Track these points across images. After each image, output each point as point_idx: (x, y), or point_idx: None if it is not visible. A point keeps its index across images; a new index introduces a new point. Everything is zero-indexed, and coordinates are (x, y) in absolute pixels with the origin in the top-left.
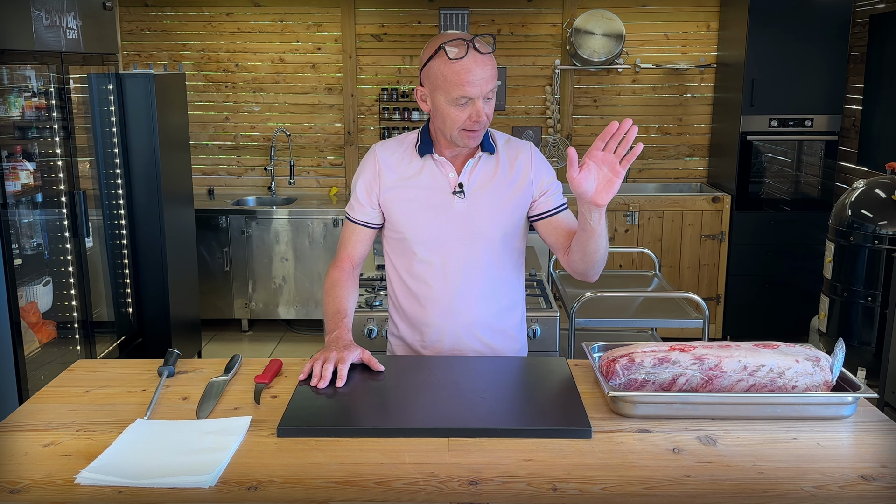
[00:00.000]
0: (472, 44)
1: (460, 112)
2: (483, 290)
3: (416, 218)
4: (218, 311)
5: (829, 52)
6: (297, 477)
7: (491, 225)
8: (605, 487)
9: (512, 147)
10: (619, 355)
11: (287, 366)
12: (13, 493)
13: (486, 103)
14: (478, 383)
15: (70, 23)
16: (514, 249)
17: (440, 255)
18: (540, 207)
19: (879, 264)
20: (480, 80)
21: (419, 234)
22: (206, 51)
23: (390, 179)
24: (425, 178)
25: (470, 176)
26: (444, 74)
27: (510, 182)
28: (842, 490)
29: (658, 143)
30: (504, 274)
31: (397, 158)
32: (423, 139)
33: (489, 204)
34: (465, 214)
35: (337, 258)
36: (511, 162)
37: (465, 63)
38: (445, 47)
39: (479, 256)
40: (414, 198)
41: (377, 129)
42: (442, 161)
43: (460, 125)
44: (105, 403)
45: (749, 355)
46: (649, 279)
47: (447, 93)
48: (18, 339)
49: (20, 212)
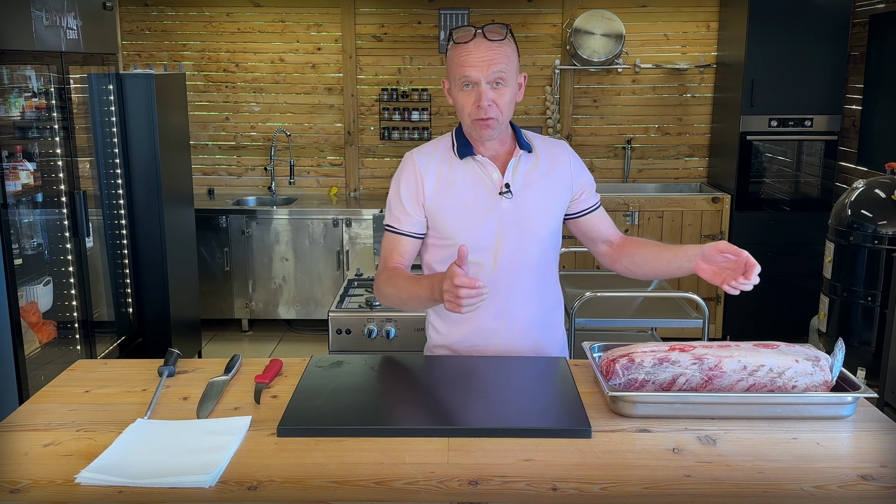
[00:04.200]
0: (480, 30)
1: (467, 98)
2: (534, 290)
3: (466, 222)
4: (218, 311)
5: (829, 52)
6: (297, 477)
7: (539, 223)
8: (605, 487)
9: (548, 145)
10: (619, 355)
11: (287, 366)
12: (13, 493)
13: (493, 90)
14: (478, 383)
15: (70, 23)
16: (557, 247)
17: (492, 256)
18: (579, 206)
19: (879, 264)
20: (481, 61)
21: (468, 238)
22: (206, 51)
23: (433, 185)
24: (469, 180)
25: (514, 175)
26: (451, 60)
27: (552, 180)
28: (842, 490)
29: (658, 143)
30: (550, 272)
31: (437, 163)
32: (459, 140)
33: (536, 202)
34: (513, 214)
35: (383, 269)
36: (550, 160)
37: (469, 46)
38: (453, 32)
39: (529, 255)
40: (460, 202)
41: (377, 129)
42: (485, 162)
43: (468, 112)
44: (105, 403)
45: (749, 355)
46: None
47: (454, 79)
48: (18, 339)
49: (20, 212)
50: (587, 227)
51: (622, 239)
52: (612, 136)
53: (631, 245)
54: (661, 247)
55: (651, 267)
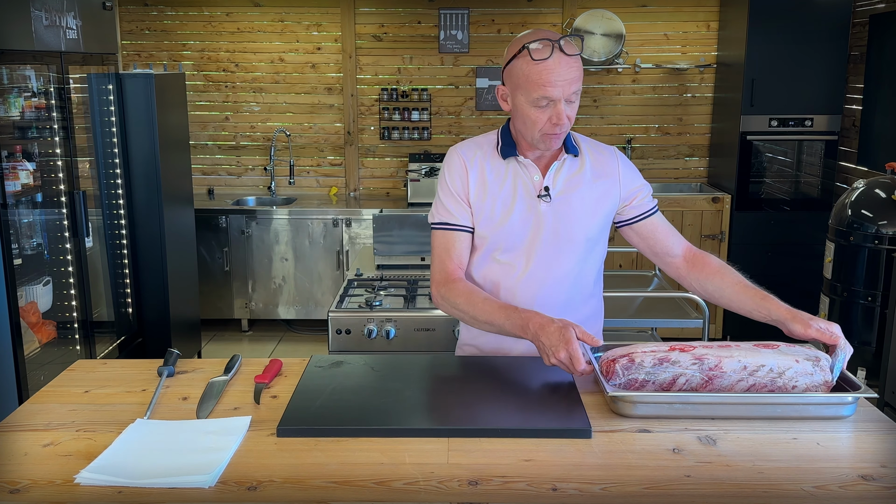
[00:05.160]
0: (557, 44)
1: (541, 114)
2: (566, 297)
3: (501, 222)
4: (218, 311)
5: (829, 52)
6: (297, 477)
7: (577, 229)
8: (605, 487)
9: (596, 150)
10: (619, 355)
11: (287, 366)
12: (13, 493)
13: (568, 106)
14: (478, 383)
15: (70, 23)
16: (597, 255)
17: (524, 259)
18: (631, 212)
19: (879, 264)
20: (563, 81)
21: (502, 238)
22: (206, 51)
23: (475, 181)
24: (510, 180)
25: (555, 179)
26: (526, 74)
27: (596, 186)
28: (842, 490)
29: (658, 143)
30: (586, 280)
31: (480, 160)
32: (505, 140)
33: (575, 208)
34: (550, 218)
35: (445, 272)
36: (596, 165)
37: (549, 63)
38: (529, 46)
39: (564, 261)
40: (498, 202)
41: (377, 129)
42: (527, 163)
43: (540, 127)
44: (105, 403)
45: (749, 355)
46: (649, 279)
47: (528, 93)
48: (18, 339)
49: (20, 212)
50: (645, 235)
51: (693, 254)
52: (612, 135)
53: (706, 268)
54: (741, 288)
55: (726, 305)
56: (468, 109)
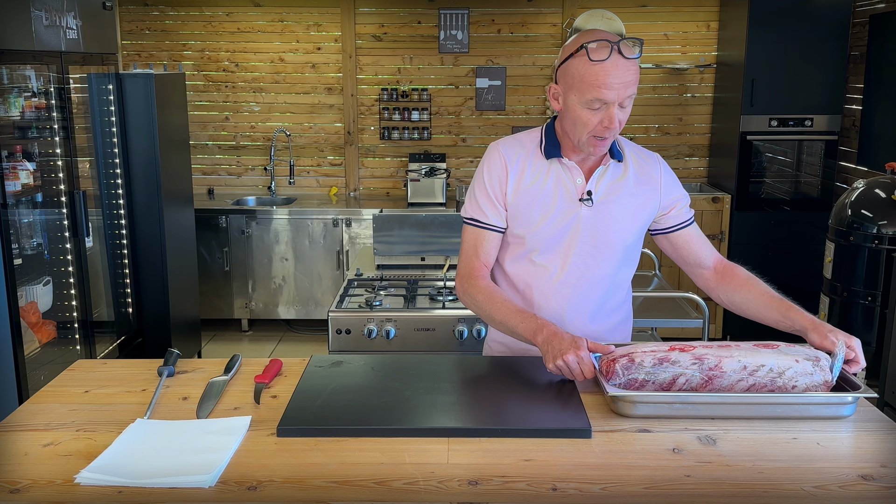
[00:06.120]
0: (616, 46)
1: (592, 116)
2: (598, 302)
3: (540, 223)
4: (218, 311)
5: (829, 52)
6: (297, 477)
7: (616, 236)
8: (605, 487)
9: (640, 156)
10: (619, 355)
11: (287, 366)
12: (13, 493)
13: (620, 110)
14: (478, 383)
15: (70, 23)
16: (632, 262)
17: (560, 262)
18: (668, 221)
19: (879, 264)
20: (619, 84)
21: (539, 240)
22: (206, 51)
23: (515, 180)
24: (552, 182)
25: (598, 183)
26: (581, 75)
27: (637, 193)
28: (842, 490)
29: (658, 143)
30: (619, 287)
31: (522, 159)
32: (549, 140)
33: (616, 214)
34: (590, 223)
35: (471, 268)
36: (639, 172)
37: (606, 65)
38: (588, 46)
39: (599, 267)
40: (539, 202)
41: (377, 128)
42: (571, 166)
43: (591, 130)
44: (105, 403)
45: (749, 355)
46: (649, 279)
47: (581, 94)
48: (18, 339)
49: (20, 212)
50: (679, 245)
51: (723, 266)
52: None
53: (734, 280)
54: (767, 299)
55: (753, 316)
56: (468, 109)
